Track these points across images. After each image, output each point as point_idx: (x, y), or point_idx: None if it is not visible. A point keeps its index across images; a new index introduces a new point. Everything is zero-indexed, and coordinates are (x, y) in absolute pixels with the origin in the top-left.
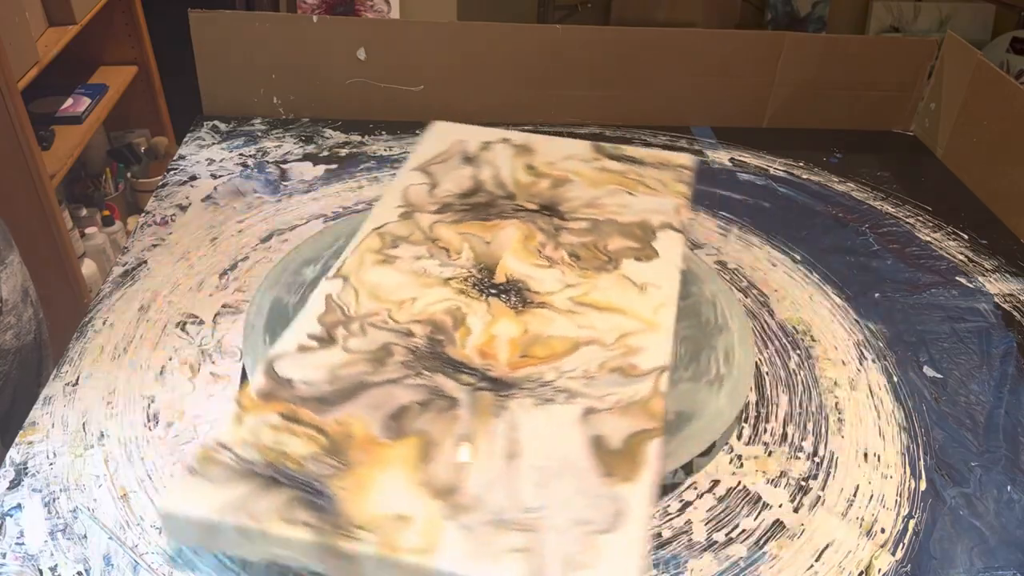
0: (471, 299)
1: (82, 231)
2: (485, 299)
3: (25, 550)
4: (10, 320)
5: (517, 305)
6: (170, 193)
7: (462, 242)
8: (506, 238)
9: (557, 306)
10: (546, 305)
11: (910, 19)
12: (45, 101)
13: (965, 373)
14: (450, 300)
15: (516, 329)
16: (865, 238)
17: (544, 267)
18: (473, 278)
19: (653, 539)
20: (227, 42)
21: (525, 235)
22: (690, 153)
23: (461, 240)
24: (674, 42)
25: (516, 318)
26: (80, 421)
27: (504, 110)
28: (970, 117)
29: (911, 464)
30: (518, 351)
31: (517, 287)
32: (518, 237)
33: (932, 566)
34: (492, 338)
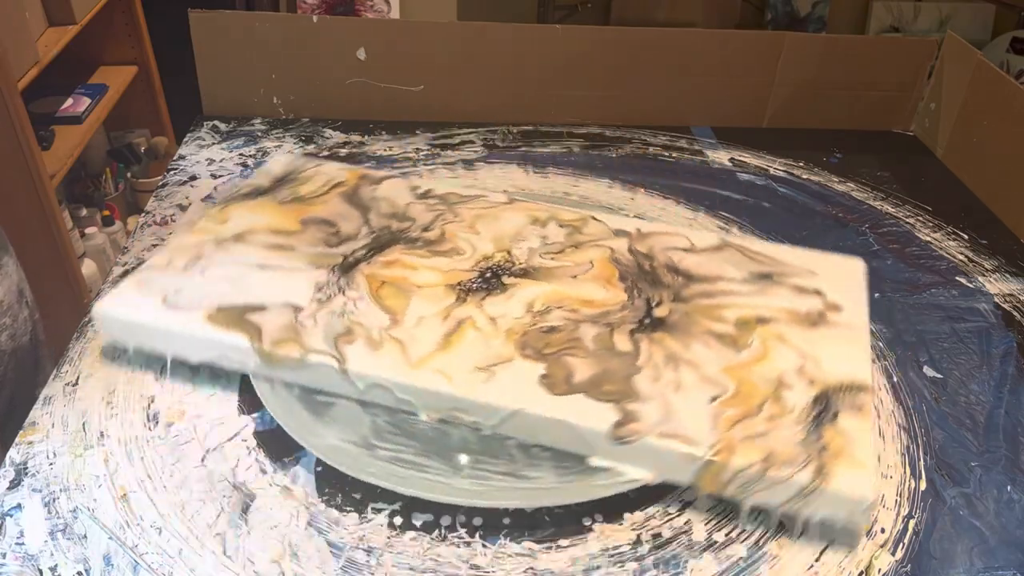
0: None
1: (82, 231)
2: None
3: (25, 550)
4: (5, 321)
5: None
6: (170, 193)
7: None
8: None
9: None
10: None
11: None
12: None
13: (965, 373)
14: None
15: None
16: (865, 238)
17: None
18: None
19: (653, 539)
20: (227, 42)
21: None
22: (691, 153)
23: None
24: (674, 42)
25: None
26: (80, 421)
27: (504, 110)
28: (970, 117)
29: (911, 464)
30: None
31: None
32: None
33: (932, 566)
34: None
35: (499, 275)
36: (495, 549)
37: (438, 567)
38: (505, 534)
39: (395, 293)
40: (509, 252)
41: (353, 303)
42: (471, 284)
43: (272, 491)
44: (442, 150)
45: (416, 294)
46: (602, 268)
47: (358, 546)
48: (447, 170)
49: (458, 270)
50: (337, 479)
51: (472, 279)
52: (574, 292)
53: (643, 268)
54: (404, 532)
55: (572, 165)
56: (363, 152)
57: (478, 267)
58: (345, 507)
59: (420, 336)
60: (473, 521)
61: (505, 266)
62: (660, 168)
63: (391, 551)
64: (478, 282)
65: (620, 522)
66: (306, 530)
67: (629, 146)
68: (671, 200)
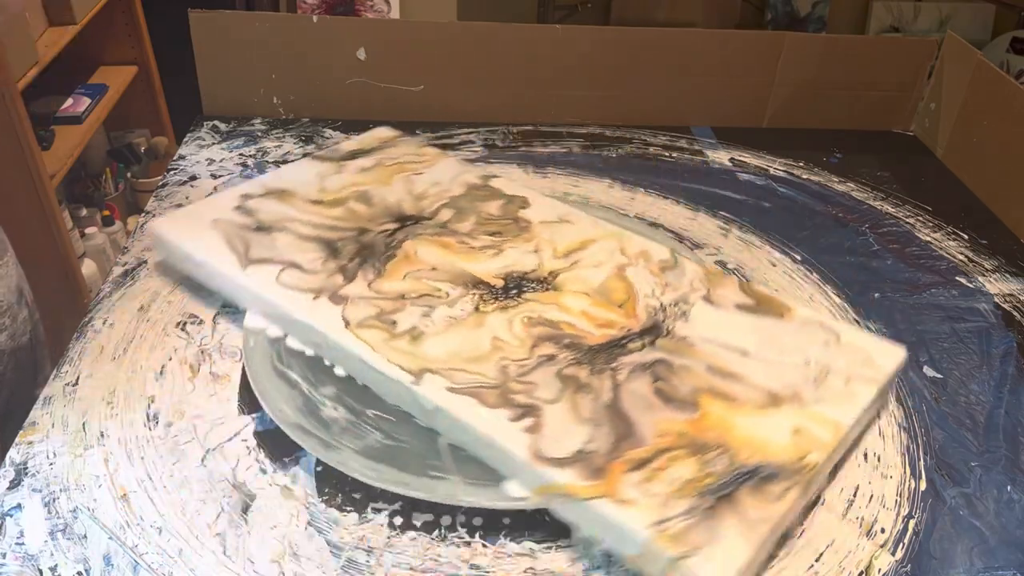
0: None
1: (82, 231)
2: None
3: (25, 550)
4: (5, 321)
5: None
6: (170, 193)
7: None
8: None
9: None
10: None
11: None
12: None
13: (965, 373)
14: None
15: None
16: (865, 238)
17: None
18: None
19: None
20: (227, 42)
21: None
22: (691, 153)
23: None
24: (674, 42)
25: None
26: (80, 421)
27: (504, 110)
28: (970, 117)
29: (911, 464)
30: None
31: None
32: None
33: (932, 566)
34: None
35: (522, 287)
36: (495, 549)
37: (438, 567)
38: (505, 534)
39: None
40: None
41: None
42: (498, 290)
43: (272, 491)
44: (442, 150)
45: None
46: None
47: (358, 546)
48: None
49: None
50: (337, 479)
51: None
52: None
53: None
54: (404, 532)
55: (572, 165)
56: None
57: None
58: (345, 507)
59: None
60: (473, 521)
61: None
62: (660, 168)
63: (391, 551)
64: (504, 290)
65: None
66: (306, 530)
67: (629, 146)
68: (671, 200)
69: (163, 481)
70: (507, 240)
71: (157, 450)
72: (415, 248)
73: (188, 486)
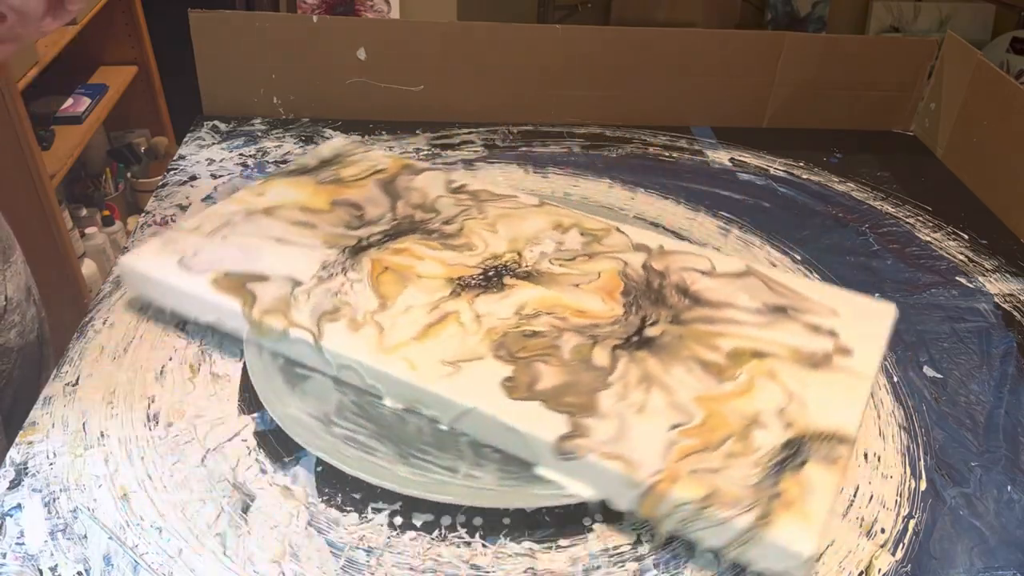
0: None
1: (82, 231)
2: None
3: (25, 550)
4: (14, 319)
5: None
6: (170, 193)
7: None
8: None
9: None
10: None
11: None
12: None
13: (965, 373)
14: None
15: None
16: (865, 238)
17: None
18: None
19: (653, 539)
20: (227, 42)
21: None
22: (691, 153)
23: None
24: (674, 42)
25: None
26: (80, 421)
27: (504, 110)
28: (970, 117)
29: (911, 464)
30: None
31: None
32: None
33: (932, 566)
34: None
35: (502, 275)
36: (495, 549)
37: (438, 567)
38: (505, 534)
39: (394, 280)
40: (520, 254)
41: (350, 284)
42: (470, 280)
43: (272, 491)
44: (442, 150)
45: (414, 283)
46: (608, 280)
47: (358, 546)
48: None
49: (463, 265)
50: (337, 479)
51: (474, 276)
52: (570, 301)
53: (651, 286)
54: (404, 532)
55: (572, 165)
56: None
57: (484, 265)
58: (345, 507)
59: (402, 324)
60: (473, 521)
61: (511, 267)
62: (660, 168)
63: (391, 551)
64: (479, 279)
65: (620, 522)
66: (306, 530)
67: (629, 146)
68: (671, 200)
69: (163, 481)
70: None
71: (157, 450)
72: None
73: (188, 486)
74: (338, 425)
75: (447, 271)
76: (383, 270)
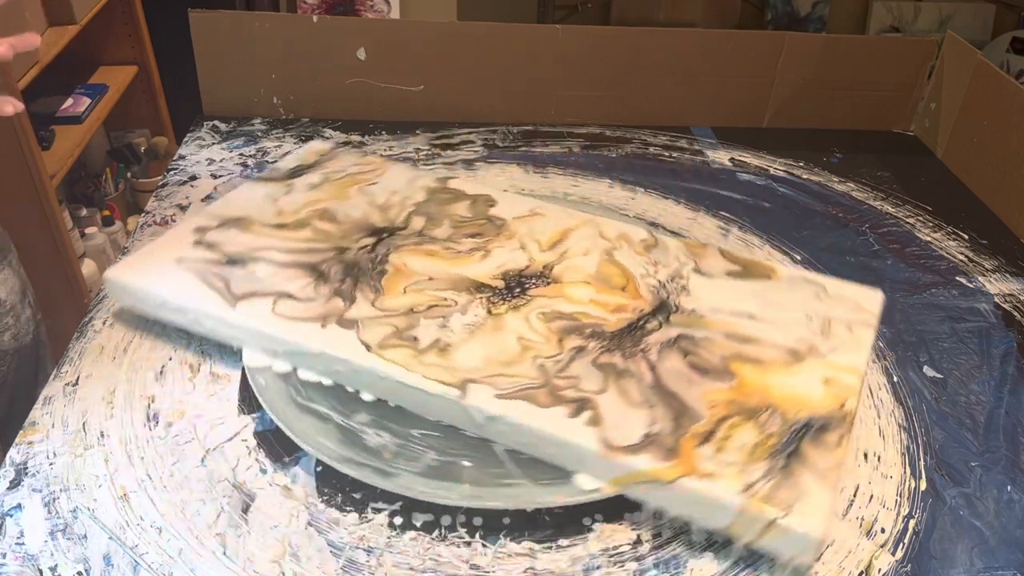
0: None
1: (82, 231)
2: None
3: (25, 550)
4: (8, 321)
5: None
6: (170, 193)
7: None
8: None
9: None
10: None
11: (910, 19)
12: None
13: (965, 373)
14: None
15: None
16: (865, 238)
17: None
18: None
19: (653, 539)
20: (227, 42)
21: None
22: (691, 153)
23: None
24: (674, 42)
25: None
26: (80, 421)
27: (504, 110)
28: (970, 117)
29: (911, 464)
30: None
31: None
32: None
33: (932, 566)
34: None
35: (523, 285)
36: (495, 549)
37: (438, 567)
38: (505, 534)
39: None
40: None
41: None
42: (495, 290)
43: (272, 491)
44: (442, 150)
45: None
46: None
47: (358, 546)
48: (448, 170)
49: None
50: (337, 479)
51: (500, 284)
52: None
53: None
54: (404, 532)
55: (572, 165)
56: (363, 152)
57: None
58: (345, 507)
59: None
60: (473, 521)
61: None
62: (660, 168)
63: (391, 551)
64: (503, 291)
65: (620, 522)
66: (306, 530)
67: (629, 146)
68: (671, 200)
69: (163, 481)
70: (490, 240)
71: (157, 450)
72: (403, 260)
73: (188, 486)
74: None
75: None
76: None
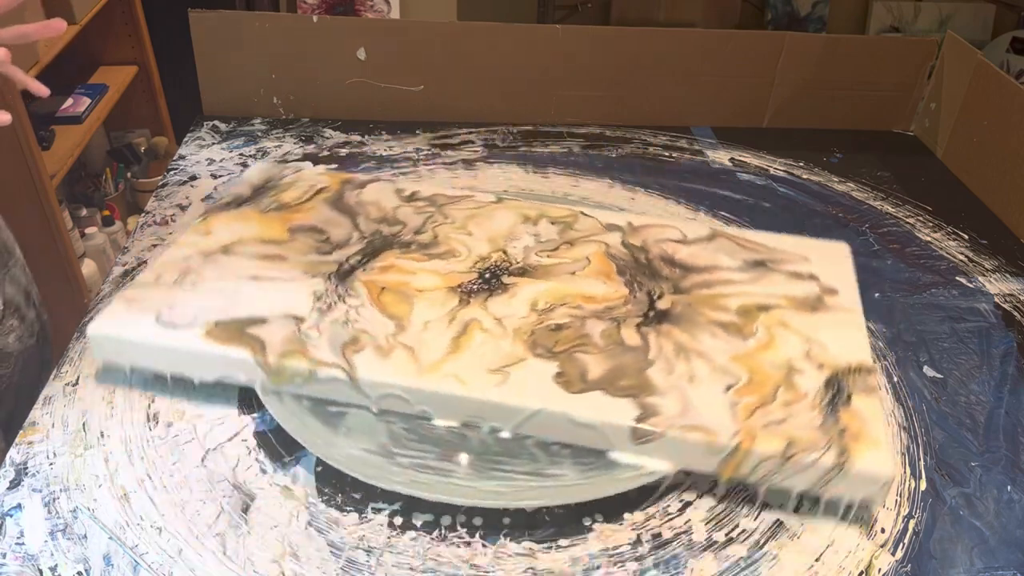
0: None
1: (82, 231)
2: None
3: (25, 550)
4: (13, 323)
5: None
6: (170, 193)
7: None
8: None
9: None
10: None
11: (910, 19)
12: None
13: (965, 373)
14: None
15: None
16: (865, 238)
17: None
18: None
19: (653, 539)
20: (227, 42)
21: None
22: (691, 153)
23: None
24: (674, 42)
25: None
26: (80, 421)
27: (504, 110)
28: (970, 117)
29: (911, 464)
30: None
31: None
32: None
33: (932, 566)
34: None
35: (498, 275)
36: (495, 549)
37: (438, 567)
38: (505, 534)
39: (397, 299)
40: (505, 252)
41: (355, 311)
42: (472, 286)
43: (272, 491)
44: (442, 150)
45: (418, 298)
46: (599, 263)
47: (358, 546)
48: (447, 170)
49: (456, 272)
50: (337, 479)
51: (472, 280)
52: (575, 289)
53: (639, 261)
54: (404, 532)
55: (572, 165)
56: (363, 152)
57: (476, 268)
58: (345, 507)
59: (429, 341)
60: (473, 521)
61: (503, 266)
62: (660, 168)
63: (391, 551)
64: (478, 283)
65: (620, 522)
66: (306, 530)
67: (629, 146)
68: (671, 200)
69: (163, 481)
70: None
71: (157, 450)
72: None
73: (188, 486)
74: (401, 455)
75: (443, 280)
76: (381, 290)
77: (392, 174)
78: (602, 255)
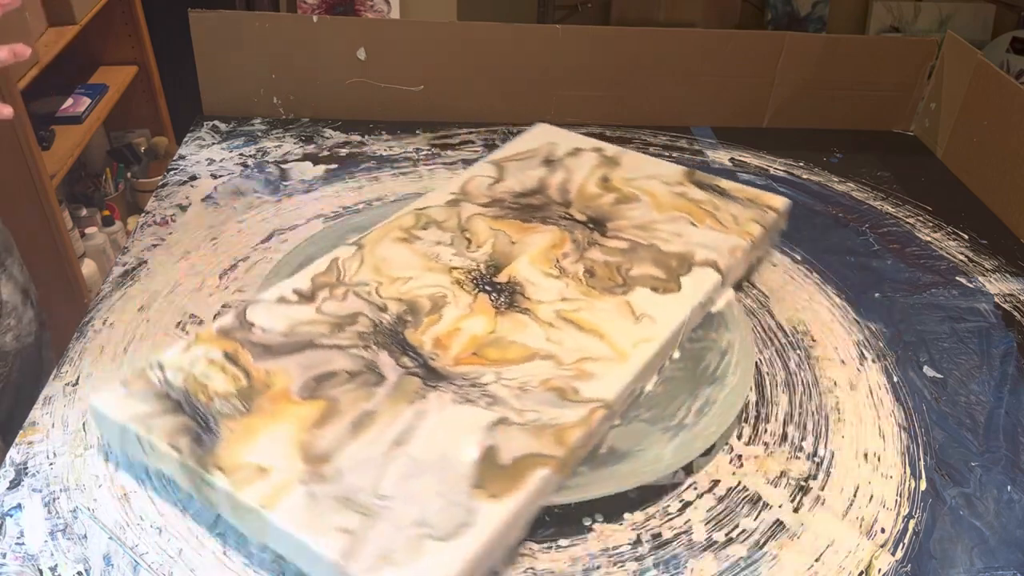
0: (462, 291)
1: (82, 231)
2: (475, 294)
3: (25, 550)
4: (10, 323)
5: (501, 306)
6: (170, 193)
7: (488, 237)
8: (532, 242)
9: (539, 316)
10: (529, 312)
11: (910, 19)
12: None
13: (965, 373)
14: (441, 287)
15: (485, 328)
16: (865, 238)
17: (552, 277)
18: (477, 272)
19: (653, 539)
20: (227, 42)
21: (553, 243)
22: (691, 153)
23: (489, 235)
24: (674, 42)
25: (492, 318)
26: (80, 421)
27: (504, 110)
28: (970, 117)
29: (911, 464)
30: (472, 348)
31: (513, 289)
32: (545, 243)
33: (932, 566)
34: (456, 331)
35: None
36: None
37: None
38: None
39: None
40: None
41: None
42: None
43: None
44: (442, 150)
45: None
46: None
47: None
48: (447, 170)
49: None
50: None
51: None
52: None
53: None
54: None
55: None
56: (363, 152)
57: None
58: None
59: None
60: None
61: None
62: None
63: None
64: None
65: (620, 522)
66: None
67: (629, 146)
68: None
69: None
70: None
71: None
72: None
73: None
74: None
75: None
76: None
77: (392, 174)
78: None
